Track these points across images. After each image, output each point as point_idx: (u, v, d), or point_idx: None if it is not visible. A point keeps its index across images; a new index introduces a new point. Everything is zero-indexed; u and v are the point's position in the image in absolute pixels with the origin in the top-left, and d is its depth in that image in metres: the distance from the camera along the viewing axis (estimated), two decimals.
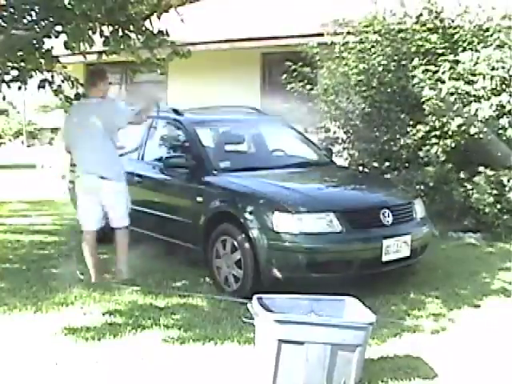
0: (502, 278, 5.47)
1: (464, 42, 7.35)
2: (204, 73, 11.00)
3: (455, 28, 7.57)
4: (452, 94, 6.81)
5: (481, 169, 6.88)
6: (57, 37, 5.82)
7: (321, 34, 8.62)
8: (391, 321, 4.30)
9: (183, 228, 5.50)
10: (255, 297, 3.49)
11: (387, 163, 7.58)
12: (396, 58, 7.58)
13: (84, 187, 5.31)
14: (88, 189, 5.27)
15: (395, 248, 4.82)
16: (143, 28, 5.88)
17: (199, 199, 5.31)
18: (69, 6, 5.34)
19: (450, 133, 6.94)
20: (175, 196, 5.80)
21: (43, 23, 5.79)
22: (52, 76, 6.14)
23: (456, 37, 7.45)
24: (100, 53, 6.20)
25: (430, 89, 6.87)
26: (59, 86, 6.13)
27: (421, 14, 7.78)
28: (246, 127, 6.56)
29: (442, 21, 7.73)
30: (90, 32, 5.50)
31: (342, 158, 8.11)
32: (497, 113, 6.73)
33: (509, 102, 6.66)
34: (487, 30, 7.31)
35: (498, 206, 6.85)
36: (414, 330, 4.21)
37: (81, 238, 7.24)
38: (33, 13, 5.88)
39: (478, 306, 4.72)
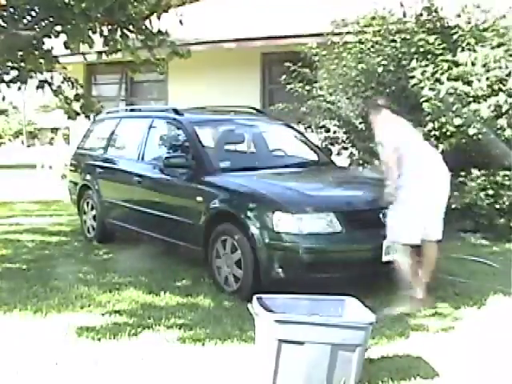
0: (502, 277, 5.47)
1: (463, 42, 7.34)
2: (204, 73, 11.01)
3: (454, 28, 7.57)
4: (451, 94, 6.80)
5: (480, 169, 6.89)
6: (56, 37, 5.83)
7: (320, 34, 8.63)
8: (391, 321, 4.31)
9: (183, 228, 5.50)
10: (255, 297, 3.48)
11: None
12: (395, 58, 7.58)
13: None
14: None
15: (395, 248, 4.81)
16: (143, 28, 5.89)
17: (199, 199, 5.31)
18: (69, 6, 5.34)
19: (448, 133, 6.95)
20: (175, 196, 5.80)
21: (43, 23, 5.80)
22: (51, 77, 6.15)
23: (455, 37, 7.45)
24: (100, 53, 6.20)
25: (429, 89, 6.87)
26: (59, 86, 6.14)
27: (421, 14, 7.79)
28: (246, 127, 6.57)
29: (440, 20, 7.73)
30: (90, 32, 5.51)
31: (341, 157, 8.12)
32: (495, 113, 6.73)
33: (506, 101, 6.66)
34: (485, 30, 7.32)
35: (497, 206, 6.86)
36: (415, 329, 4.21)
37: (80, 237, 7.28)
38: (33, 13, 5.89)
39: (478, 305, 4.72)
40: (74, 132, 12.74)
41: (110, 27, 5.79)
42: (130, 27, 5.86)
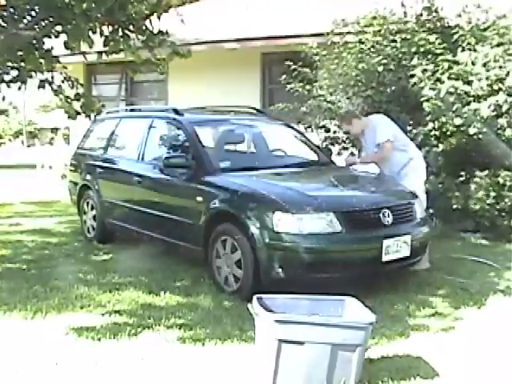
0: (502, 277, 5.48)
1: (463, 41, 7.34)
2: (204, 73, 11.01)
3: (454, 28, 7.57)
4: (451, 93, 6.80)
5: (480, 169, 6.89)
6: (57, 37, 5.82)
7: (321, 34, 8.63)
8: (391, 321, 4.32)
9: (183, 228, 5.50)
10: (255, 297, 3.49)
11: None
12: (396, 57, 7.58)
13: None
14: None
15: (395, 248, 4.82)
16: (143, 28, 5.89)
17: (199, 199, 5.31)
18: (69, 6, 5.33)
19: (448, 133, 6.95)
20: (175, 196, 5.80)
21: (43, 23, 5.79)
22: (52, 77, 6.14)
23: (455, 37, 7.45)
24: (100, 53, 6.20)
25: (430, 89, 6.87)
26: (59, 86, 6.13)
27: (421, 14, 7.79)
28: (246, 127, 6.57)
29: (440, 19, 7.74)
30: (90, 32, 5.50)
31: (342, 158, 8.11)
32: (495, 113, 6.72)
33: (506, 101, 6.65)
34: (485, 29, 7.31)
35: (498, 207, 6.86)
36: (415, 329, 4.21)
37: (80, 237, 7.28)
38: (33, 13, 5.88)
39: (478, 305, 4.72)
40: (74, 132, 12.75)
41: (110, 27, 5.78)
42: (131, 27, 5.86)
